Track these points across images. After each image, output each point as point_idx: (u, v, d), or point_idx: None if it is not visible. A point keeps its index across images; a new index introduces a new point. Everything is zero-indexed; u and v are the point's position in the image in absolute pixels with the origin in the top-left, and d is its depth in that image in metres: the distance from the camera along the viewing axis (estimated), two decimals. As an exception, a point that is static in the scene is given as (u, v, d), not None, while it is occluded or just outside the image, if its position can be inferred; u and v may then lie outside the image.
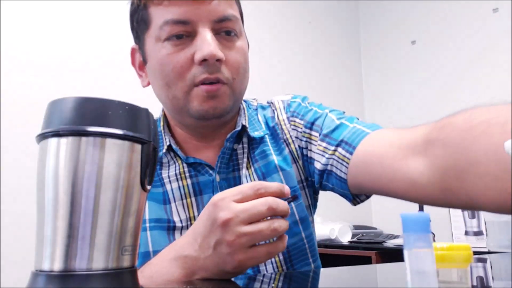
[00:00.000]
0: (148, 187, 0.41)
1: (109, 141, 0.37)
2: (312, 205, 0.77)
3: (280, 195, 0.50)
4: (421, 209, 1.75)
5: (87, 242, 0.36)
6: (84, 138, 0.37)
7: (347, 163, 0.64)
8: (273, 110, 0.77)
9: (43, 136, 0.38)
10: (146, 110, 0.41)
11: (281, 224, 0.49)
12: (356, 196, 0.69)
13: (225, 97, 0.65)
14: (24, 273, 0.40)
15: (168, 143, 0.70)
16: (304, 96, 0.79)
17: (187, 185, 0.69)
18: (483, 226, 1.51)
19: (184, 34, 0.63)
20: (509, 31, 2.08)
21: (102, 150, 0.37)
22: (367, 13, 2.84)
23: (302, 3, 2.55)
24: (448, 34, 2.36)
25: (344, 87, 2.70)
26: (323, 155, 0.68)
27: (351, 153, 0.63)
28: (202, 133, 0.71)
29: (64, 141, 0.37)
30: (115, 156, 0.38)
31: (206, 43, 0.61)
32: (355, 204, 0.71)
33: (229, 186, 0.68)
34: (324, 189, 0.74)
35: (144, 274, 0.53)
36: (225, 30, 0.65)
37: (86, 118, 0.37)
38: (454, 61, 2.32)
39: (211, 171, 0.70)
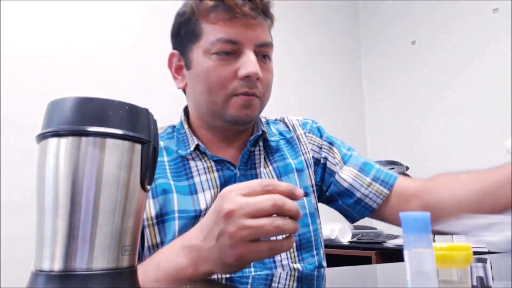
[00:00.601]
0: (148, 187, 0.41)
1: (109, 141, 0.37)
2: (317, 208, 0.88)
3: (289, 195, 0.50)
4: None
5: (87, 242, 0.36)
6: (84, 138, 0.37)
7: (384, 196, 0.82)
8: (287, 125, 0.93)
9: (43, 136, 0.38)
10: (146, 110, 0.41)
11: (285, 223, 0.49)
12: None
13: (256, 108, 0.77)
14: (24, 273, 0.40)
15: (196, 143, 0.79)
16: (313, 120, 0.96)
17: (214, 177, 0.78)
18: (483, 226, 1.51)
19: (231, 51, 0.73)
20: (509, 31, 2.07)
21: (102, 150, 0.37)
22: (367, 13, 2.84)
23: (302, 3, 2.55)
24: (448, 34, 2.35)
25: (344, 86, 2.70)
26: (354, 180, 0.85)
27: (389, 190, 0.82)
28: (226, 135, 0.81)
29: (64, 141, 0.37)
30: (115, 156, 0.38)
31: (251, 63, 0.72)
32: (353, 223, 0.89)
33: (247, 180, 0.76)
34: (329, 201, 0.89)
35: (152, 260, 0.57)
36: (263, 54, 0.77)
37: (86, 118, 0.37)
38: (454, 61, 2.31)
39: (232, 167, 0.79)
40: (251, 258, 0.50)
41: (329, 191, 0.87)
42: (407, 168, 1.62)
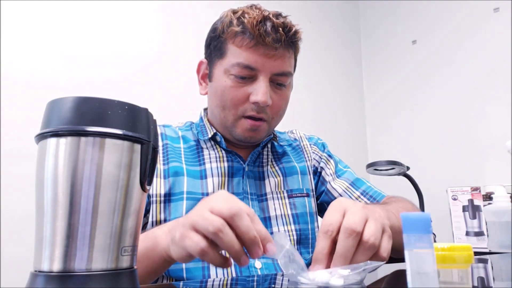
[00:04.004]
0: (148, 187, 0.41)
1: (109, 141, 0.37)
2: (316, 212, 0.92)
3: (242, 233, 0.47)
4: (422, 209, 1.75)
5: (87, 242, 0.36)
6: (83, 138, 0.36)
7: None
8: (294, 136, 1.01)
9: (42, 136, 0.38)
10: (146, 110, 0.41)
11: (212, 255, 0.47)
12: None
13: (263, 131, 0.83)
14: (24, 273, 0.40)
15: (214, 131, 0.86)
16: (318, 137, 1.03)
17: (224, 167, 0.84)
18: (484, 227, 1.51)
19: (247, 76, 0.78)
20: (510, 30, 2.07)
21: (102, 150, 0.37)
22: (368, 13, 2.84)
23: (303, 3, 2.55)
24: (449, 34, 2.35)
25: (344, 86, 2.70)
26: (345, 191, 0.91)
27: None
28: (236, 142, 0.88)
29: (63, 141, 0.36)
30: (115, 156, 0.37)
31: (262, 91, 0.77)
32: None
33: (254, 176, 0.86)
34: (320, 211, 0.94)
35: (160, 226, 0.62)
36: (278, 82, 0.81)
37: (85, 118, 0.37)
38: (455, 60, 2.31)
39: (241, 162, 0.86)
40: (183, 244, 0.49)
41: (320, 200, 0.93)
42: (408, 168, 1.62)
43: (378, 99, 2.71)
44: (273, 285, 0.57)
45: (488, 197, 1.63)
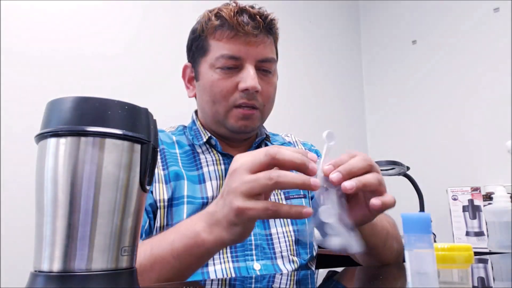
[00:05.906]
0: (148, 187, 0.41)
1: (109, 141, 0.37)
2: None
3: (294, 166, 0.50)
4: (422, 209, 1.75)
5: (86, 242, 0.36)
6: (83, 138, 0.36)
7: None
8: (289, 140, 1.00)
9: (42, 136, 0.38)
10: (146, 110, 0.41)
11: (279, 174, 0.48)
12: None
13: (256, 120, 0.83)
14: (24, 273, 0.40)
15: (208, 135, 0.86)
16: (311, 144, 1.02)
17: (221, 169, 0.84)
18: (484, 227, 1.50)
19: (233, 66, 0.80)
20: (510, 30, 2.07)
21: (102, 150, 0.37)
22: (368, 13, 2.83)
23: (303, 3, 2.54)
24: (449, 34, 2.35)
25: (344, 87, 2.70)
26: None
27: None
28: (230, 142, 0.88)
29: (63, 141, 0.36)
30: (115, 156, 0.37)
31: (250, 77, 0.78)
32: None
33: None
34: None
35: (174, 227, 0.60)
36: (264, 69, 0.82)
37: (85, 118, 0.37)
38: (455, 60, 2.31)
39: None
40: (249, 215, 0.49)
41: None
42: (408, 168, 1.62)
43: (378, 99, 2.71)
44: (272, 285, 0.57)
45: (488, 197, 1.63)
